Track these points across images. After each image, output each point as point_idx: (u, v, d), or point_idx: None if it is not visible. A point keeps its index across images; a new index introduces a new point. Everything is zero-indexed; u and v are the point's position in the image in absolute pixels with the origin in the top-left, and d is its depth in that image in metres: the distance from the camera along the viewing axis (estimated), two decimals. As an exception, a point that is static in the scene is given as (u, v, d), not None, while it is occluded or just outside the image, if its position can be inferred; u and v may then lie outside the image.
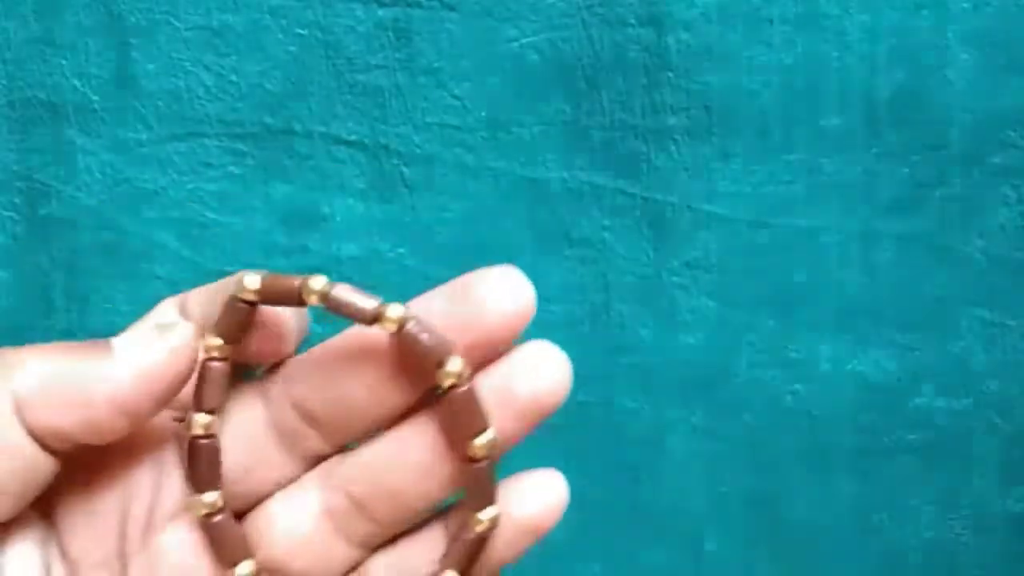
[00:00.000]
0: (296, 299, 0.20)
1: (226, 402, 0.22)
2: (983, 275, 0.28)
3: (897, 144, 0.28)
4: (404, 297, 0.32)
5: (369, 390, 0.21)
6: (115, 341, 0.20)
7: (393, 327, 0.20)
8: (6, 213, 0.32)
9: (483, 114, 0.30)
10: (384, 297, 0.29)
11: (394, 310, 0.20)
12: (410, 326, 0.20)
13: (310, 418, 0.22)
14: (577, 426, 0.30)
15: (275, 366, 0.22)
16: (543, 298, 0.32)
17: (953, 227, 0.28)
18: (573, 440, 0.30)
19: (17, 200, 0.31)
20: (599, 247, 0.30)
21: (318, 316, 0.22)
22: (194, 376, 0.21)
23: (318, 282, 0.20)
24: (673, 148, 0.29)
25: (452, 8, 0.30)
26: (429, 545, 0.22)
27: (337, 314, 0.20)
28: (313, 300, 0.20)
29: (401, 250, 0.31)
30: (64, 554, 0.21)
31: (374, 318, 0.20)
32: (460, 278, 0.21)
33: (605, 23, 0.29)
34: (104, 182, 0.31)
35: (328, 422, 0.22)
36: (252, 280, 0.20)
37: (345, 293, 0.20)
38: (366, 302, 0.20)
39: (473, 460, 0.21)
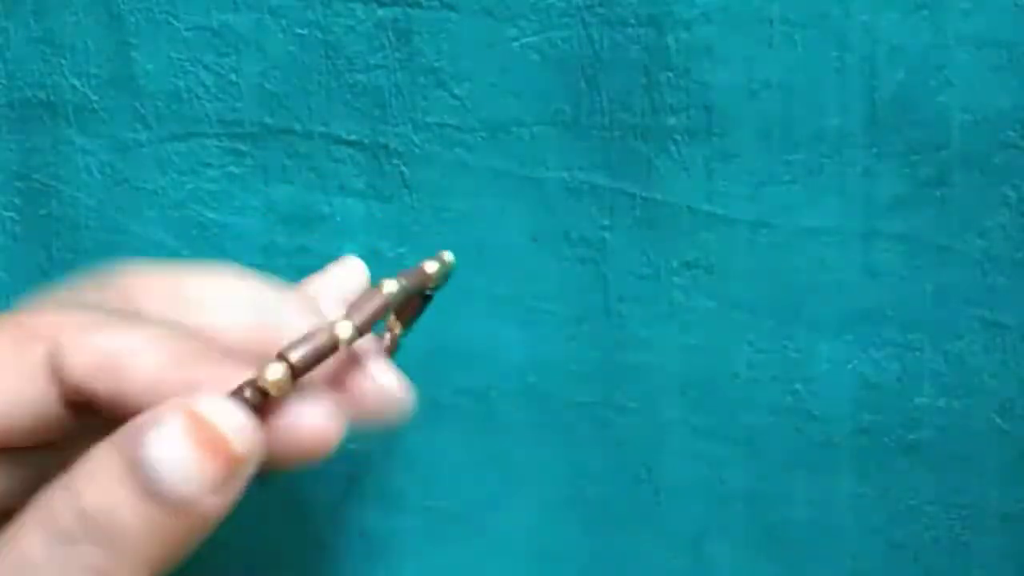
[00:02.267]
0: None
1: None
2: (983, 275, 0.28)
3: (897, 144, 0.28)
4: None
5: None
6: None
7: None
8: (6, 213, 0.32)
9: (483, 114, 0.30)
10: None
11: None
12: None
13: None
14: (577, 426, 0.30)
15: None
16: (542, 297, 0.32)
17: (953, 227, 0.28)
18: (573, 440, 0.30)
19: (17, 200, 0.31)
20: (599, 247, 0.30)
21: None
22: None
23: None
24: (673, 148, 0.29)
25: (452, 8, 0.30)
26: None
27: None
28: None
29: (401, 250, 0.31)
30: None
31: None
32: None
33: (605, 23, 0.29)
34: (104, 182, 0.31)
35: None
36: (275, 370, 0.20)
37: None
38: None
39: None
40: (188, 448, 0.18)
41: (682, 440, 0.30)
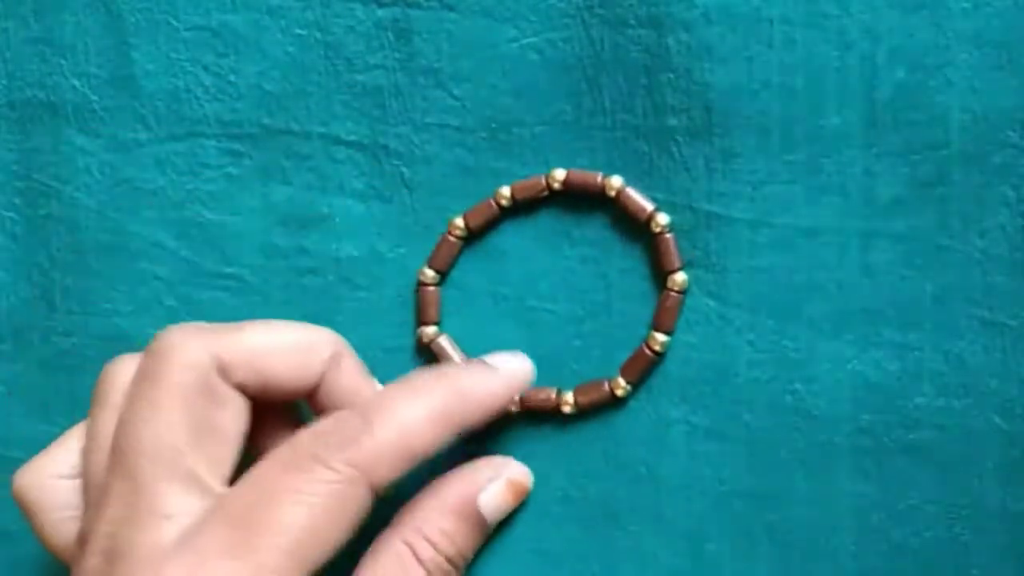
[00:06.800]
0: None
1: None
2: (983, 275, 0.28)
3: (897, 144, 0.28)
4: (405, 297, 0.32)
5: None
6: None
7: (613, 192, 0.29)
8: (6, 213, 0.32)
9: (483, 114, 0.30)
10: (386, 298, 0.30)
11: (615, 180, 0.29)
12: (628, 190, 0.29)
13: None
14: (577, 426, 0.30)
15: None
16: (544, 297, 0.32)
17: (953, 227, 0.28)
18: (573, 440, 0.30)
19: (17, 200, 0.31)
20: (599, 247, 0.30)
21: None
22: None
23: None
24: (674, 148, 0.29)
25: (452, 8, 0.30)
26: None
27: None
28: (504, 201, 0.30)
29: (401, 250, 0.31)
30: None
31: (602, 187, 0.29)
32: None
33: (605, 23, 0.29)
34: (104, 182, 0.31)
35: None
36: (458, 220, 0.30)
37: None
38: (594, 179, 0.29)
39: (670, 291, 0.29)
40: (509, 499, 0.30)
41: (682, 440, 0.30)
